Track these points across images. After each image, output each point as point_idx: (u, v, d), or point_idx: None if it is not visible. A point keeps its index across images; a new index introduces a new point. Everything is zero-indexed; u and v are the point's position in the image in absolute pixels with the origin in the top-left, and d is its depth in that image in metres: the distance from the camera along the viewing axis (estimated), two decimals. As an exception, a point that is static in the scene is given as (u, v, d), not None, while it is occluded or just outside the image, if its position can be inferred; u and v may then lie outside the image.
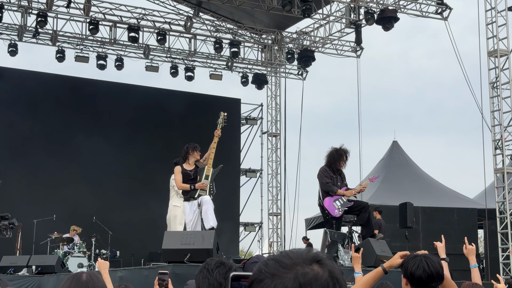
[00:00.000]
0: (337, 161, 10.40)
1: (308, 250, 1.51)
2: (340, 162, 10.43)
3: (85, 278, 3.11)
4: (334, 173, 10.44)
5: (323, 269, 1.46)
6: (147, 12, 19.32)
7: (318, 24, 20.26)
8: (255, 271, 1.49)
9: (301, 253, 1.49)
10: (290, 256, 1.48)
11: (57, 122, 18.51)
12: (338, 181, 10.48)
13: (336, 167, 10.44)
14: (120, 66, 19.94)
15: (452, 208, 19.46)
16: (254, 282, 1.47)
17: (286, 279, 1.43)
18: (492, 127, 16.79)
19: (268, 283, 1.44)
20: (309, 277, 1.43)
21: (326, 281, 1.44)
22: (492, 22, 16.90)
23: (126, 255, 16.87)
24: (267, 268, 1.47)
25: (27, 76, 18.87)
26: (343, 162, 10.47)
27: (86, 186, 18.25)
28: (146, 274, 8.99)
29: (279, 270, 1.45)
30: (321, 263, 1.47)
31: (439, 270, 3.78)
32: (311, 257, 1.48)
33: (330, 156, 10.46)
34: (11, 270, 11.37)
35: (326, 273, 1.46)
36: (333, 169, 10.45)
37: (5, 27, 18.48)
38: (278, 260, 1.47)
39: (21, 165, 17.78)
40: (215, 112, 10.69)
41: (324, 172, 10.42)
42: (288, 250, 1.52)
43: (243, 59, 21.39)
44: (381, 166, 21.73)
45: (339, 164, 10.44)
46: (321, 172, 10.48)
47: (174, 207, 11.17)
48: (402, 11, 18.22)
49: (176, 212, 11.09)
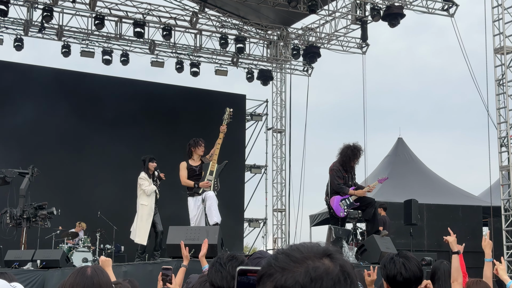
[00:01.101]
0: (351, 160, 10.35)
1: (319, 244, 1.49)
2: (355, 160, 10.39)
3: (89, 273, 3.11)
4: (346, 172, 10.39)
5: (334, 263, 1.44)
6: (152, 7, 19.31)
7: (324, 20, 20.21)
8: (265, 265, 1.46)
9: (311, 247, 1.47)
10: (301, 250, 1.46)
11: (60, 116, 18.49)
12: (350, 180, 10.46)
13: (349, 165, 10.40)
14: (126, 61, 19.94)
15: (457, 205, 19.43)
16: (263, 276, 1.45)
17: (297, 273, 1.41)
18: (498, 124, 16.74)
19: (278, 277, 1.42)
20: (320, 271, 1.41)
21: (338, 276, 1.42)
22: (499, 19, 16.83)
23: (131, 250, 16.88)
24: (277, 262, 1.44)
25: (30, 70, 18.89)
26: (357, 160, 10.43)
27: (91, 181, 18.28)
28: (150, 269, 9.01)
29: (289, 264, 1.43)
30: (332, 258, 1.46)
31: (417, 273, 3.80)
32: (321, 251, 1.46)
33: (344, 155, 10.37)
34: (16, 264, 11.41)
35: (337, 268, 1.44)
36: (346, 168, 10.39)
37: (11, 21, 18.50)
38: (289, 254, 1.45)
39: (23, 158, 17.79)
40: (220, 107, 10.70)
41: (338, 172, 10.33)
42: (298, 244, 1.50)
43: (248, 55, 21.37)
44: (386, 163, 21.71)
45: (353, 163, 10.40)
46: (334, 170, 10.39)
47: (142, 205, 11.36)
48: (408, 7, 18.17)
49: (143, 211, 11.30)
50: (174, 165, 10.77)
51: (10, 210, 12.50)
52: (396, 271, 3.77)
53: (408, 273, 3.76)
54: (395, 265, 3.79)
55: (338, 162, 10.41)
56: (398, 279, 3.77)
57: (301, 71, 22.13)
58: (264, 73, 21.54)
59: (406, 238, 15.95)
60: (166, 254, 9.67)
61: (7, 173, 13.09)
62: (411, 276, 3.76)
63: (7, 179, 13.08)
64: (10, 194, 12.80)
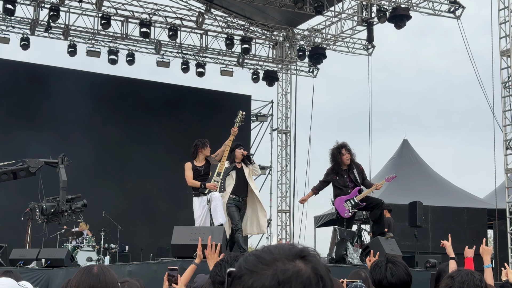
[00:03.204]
0: (338, 159, 10.32)
1: (293, 245, 1.42)
2: (342, 157, 10.32)
3: (96, 271, 3.12)
4: (337, 175, 10.35)
5: (306, 265, 1.37)
6: (159, 7, 19.33)
7: (330, 22, 20.20)
8: (236, 267, 1.41)
9: (283, 249, 1.40)
10: (272, 252, 1.39)
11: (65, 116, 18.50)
12: (348, 181, 10.37)
13: (342, 165, 10.35)
14: (132, 61, 19.96)
15: (462, 207, 19.39)
16: (234, 279, 1.39)
17: (264, 276, 1.35)
18: (504, 127, 16.69)
19: (246, 280, 1.36)
20: (289, 274, 1.35)
21: (308, 279, 1.35)
22: (506, 21, 16.80)
23: (135, 250, 16.92)
24: (246, 264, 1.39)
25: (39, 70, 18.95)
26: (344, 157, 10.33)
27: (95, 181, 18.30)
28: (155, 269, 9.01)
29: (258, 266, 1.37)
30: (306, 259, 1.38)
31: (404, 278, 3.84)
32: (294, 253, 1.39)
33: (332, 157, 10.43)
34: (20, 263, 11.44)
35: (309, 270, 1.37)
36: (337, 171, 10.35)
37: (18, 20, 18.55)
38: (259, 256, 1.39)
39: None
40: (226, 108, 10.72)
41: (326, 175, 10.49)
42: (271, 245, 1.43)
43: (254, 56, 21.38)
44: (391, 165, 21.68)
45: (342, 161, 10.33)
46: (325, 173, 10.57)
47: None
48: (415, 9, 18.14)
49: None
50: (179, 165, 10.76)
51: (39, 205, 11.56)
52: (382, 276, 3.82)
53: (394, 278, 3.81)
54: (381, 270, 3.85)
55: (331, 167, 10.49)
56: (385, 285, 3.83)
57: (306, 72, 22.12)
58: (269, 74, 21.53)
59: (411, 240, 15.93)
60: (171, 254, 9.67)
61: (31, 163, 11.88)
62: (397, 281, 3.81)
63: (31, 169, 11.83)
64: (39, 186, 11.69)
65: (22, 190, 14.83)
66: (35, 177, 12.21)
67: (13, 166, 11.97)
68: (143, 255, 16.64)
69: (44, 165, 12.20)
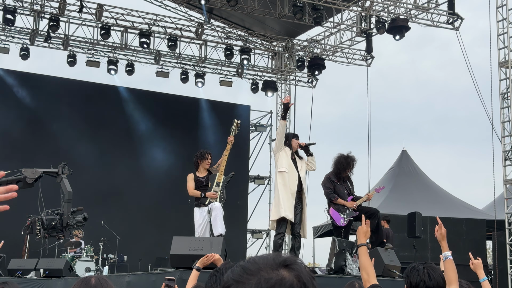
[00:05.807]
0: (346, 169, 10.36)
1: (278, 254, 1.46)
2: (348, 169, 10.40)
3: (94, 282, 3.11)
4: (339, 180, 10.40)
5: (290, 273, 1.41)
6: (158, 18, 19.39)
7: (329, 33, 20.26)
8: (225, 278, 1.45)
9: (268, 258, 1.44)
10: (256, 262, 1.44)
11: (61, 125, 18.50)
12: (345, 189, 10.42)
13: (343, 174, 10.41)
14: (131, 71, 19.98)
15: (461, 218, 19.37)
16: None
17: (248, 285, 1.39)
18: (502, 138, 16.72)
19: None
20: (272, 282, 1.38)
21: (292, 286, 1.39)
22: (504, 33, 16.86)
23: (134, 260, 16.87)
24: (232, 275, 1.43)
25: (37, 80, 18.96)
26: (350, 170, 10.44)
27: (94, 191, 18.27)
28: (153, 280, 8.98)
29: (243, 276, 1.41)
30: (290, 268, 1.42)
31: (441, 282, 3.84)
32: (278, 262, 1.43)
33: (338, 164, 10.40)
34: (19, 273, 11.40)
35: (292, 277, 1.40)
36: (338, 177, 10.41)
37: (17, 31, 18.59)
38: (244, 266, 1.44)
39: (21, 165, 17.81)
40: (225, 118, 10.73)
41: (327, 180, 10.43)
42: (256, 256, 1.47)
43: (253, 66, 21.42)
44: (390, 175, 21.67)
45: (346, 172, 10.41)
46: (325, 178, 10.49)
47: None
48: (413, 20, 18.19)
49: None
50: (178, 175, 10.76)
51: (40, 219, 11.06)
52: (419, 279, 3.82)
53: (432, 282, 3.82)
54: (419, 273, 3.85)
55: (332, 172, 10.46)
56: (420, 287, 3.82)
57: (305, 82, 22.16)
58: (268, 84, 21.56)
59: (409, 251, 15.91)
60: (169, 264, 9.64)
61: (27, 173, 11.91)
62: (435, 285, 3.82)
63: (28, 180, 11.96)
64: (39, 198, 11.09)
65: (20, 199, 14.76)
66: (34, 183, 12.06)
67: (9, 177, 11.78)
68: (142, 265, 16.59)
69: (44, 175, 11.98)
